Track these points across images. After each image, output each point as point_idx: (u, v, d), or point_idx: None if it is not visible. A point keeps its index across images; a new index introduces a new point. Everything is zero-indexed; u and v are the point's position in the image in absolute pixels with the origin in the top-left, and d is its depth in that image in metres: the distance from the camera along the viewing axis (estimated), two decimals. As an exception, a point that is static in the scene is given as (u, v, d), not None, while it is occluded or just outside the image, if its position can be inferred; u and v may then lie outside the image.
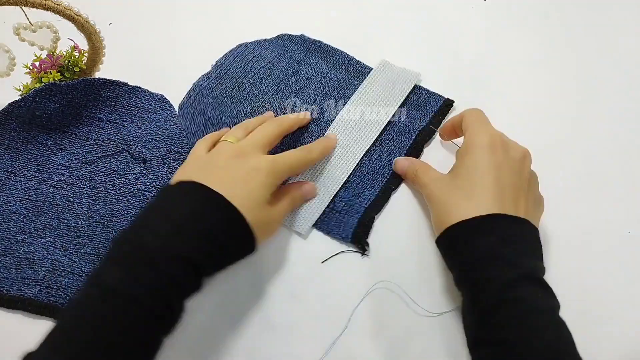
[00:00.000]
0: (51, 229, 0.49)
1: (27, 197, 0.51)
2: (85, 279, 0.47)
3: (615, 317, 0.46)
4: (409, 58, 0.62)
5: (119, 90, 0.56)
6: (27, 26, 0.49)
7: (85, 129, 0.55)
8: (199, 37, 0.64)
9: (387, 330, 0.45)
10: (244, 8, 0.66)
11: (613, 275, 0.48)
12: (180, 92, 0.58)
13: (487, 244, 0.39)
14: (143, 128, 0.55)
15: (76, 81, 0.53)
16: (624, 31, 0.64)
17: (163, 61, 0.61)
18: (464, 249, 0.40)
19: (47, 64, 0.53)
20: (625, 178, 0.53)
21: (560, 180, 0.53)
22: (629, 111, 0.58)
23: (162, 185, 0.52)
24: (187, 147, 0.54)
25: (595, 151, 0.55)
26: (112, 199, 0.51)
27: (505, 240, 0.39)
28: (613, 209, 0.51)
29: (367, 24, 0.65)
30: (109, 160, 0.53)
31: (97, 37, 0.52)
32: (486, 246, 0.39)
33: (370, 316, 0.46)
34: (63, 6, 0.47)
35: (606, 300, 0.47)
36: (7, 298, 0.46)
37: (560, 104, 0.58)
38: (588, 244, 0.50)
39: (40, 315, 0.46)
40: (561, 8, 0.66)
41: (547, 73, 0.61)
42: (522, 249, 0.39)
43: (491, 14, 0.66)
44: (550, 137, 0.56)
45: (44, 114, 0.53)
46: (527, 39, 0.63)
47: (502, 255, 0.38)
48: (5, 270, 0.47)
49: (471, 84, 0.59)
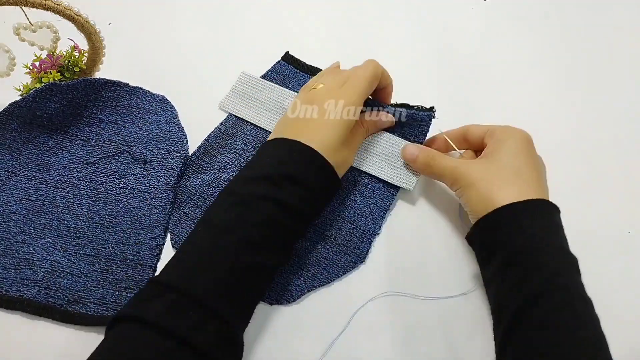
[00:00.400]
0: (51, 230, 0.49)
1: (27, 198, 0.51)
2: (86, 278, 0.47)
3: (615, 317, 0.46)
4: (408, 58, 0.62)
5: (119, 90, 0.56)
6: (27, 26, 0.49)
7: (86, 130, 0.55)
8: (200, 37, 0.64)
9: (387, 330, 0.45)
10: (244, 8, 0.66)
11: (613, 275, 0.48)
12: (181, 92, 0.58)
13: (539, 228, 0.40)
14: (144, 129, 0.55)
15: (76, 81, 0.53)
16: (623, 31, 0.64)
17: (163, 61, 0.61)
18: (515, 231, 0.40)
19: (47, 64, 0.53)
20: (626, 178, 0.53)
21: (561, 180, 0.53)
22: (629, 111, 0.58)
23: (162, 186, 0.52)
24: (185, 145, 0.54)
25: (596, 151, 0.55)
26: (112, 200, 0.51)
27: (553, 227, 0.41)
28: (613, 209, 0.51)
29: (367, 25, 0.65)
30: (109, 161, 0.53)
31: (97, 37, 0.52)
32: (539, 230, 0.40)
33: (371, 316, 0.46)
34: (63, 6, 0.47)
35: (606, 300, 0.47)
36: (6, 299, 0.46)
37: (560, 104, 0.58)
38: (588, 244, 0.50)
39: (39, 316, 0.45)
40: (561, 8, 0.66)
41: (547, 73, 0.61)
42: (565, 237, 0.41)
43: (491, 14, 0.66)
44: (550, 137, 0.55)
45: (44, 114, 0.53)
46: (527, 39, 0.63)
47: (553, 242, 0.40)
48: (4, 271, 0.47)
49: (471, 84, 0.60)
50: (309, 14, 0.66)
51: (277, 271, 0.43)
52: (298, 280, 0.47)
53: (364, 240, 0.49)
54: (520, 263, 0.40)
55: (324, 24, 0.64)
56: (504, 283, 0.40)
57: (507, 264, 0.41)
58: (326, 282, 0.47)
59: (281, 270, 0.47)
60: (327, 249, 0.49)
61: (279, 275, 0.47)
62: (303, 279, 0.47)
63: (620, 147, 0.55)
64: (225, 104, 0.57)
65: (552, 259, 0.39)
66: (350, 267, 0.48)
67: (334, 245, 0.49)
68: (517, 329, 0.38)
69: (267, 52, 0.62)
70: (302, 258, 0.48)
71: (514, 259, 0.40)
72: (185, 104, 0.57)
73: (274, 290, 0.47)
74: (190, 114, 0.57)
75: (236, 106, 0.57)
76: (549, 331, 0.37)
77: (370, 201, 0.51)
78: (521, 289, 0.39)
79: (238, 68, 0.59)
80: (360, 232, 0.49)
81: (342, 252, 0.49)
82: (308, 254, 0.48)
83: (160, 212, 0.50)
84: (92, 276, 0.47)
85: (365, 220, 0.50)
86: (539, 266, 0.39)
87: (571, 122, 0.57)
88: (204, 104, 0.58)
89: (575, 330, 0.36)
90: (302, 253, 0.48)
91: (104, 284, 0.46)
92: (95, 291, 0.46)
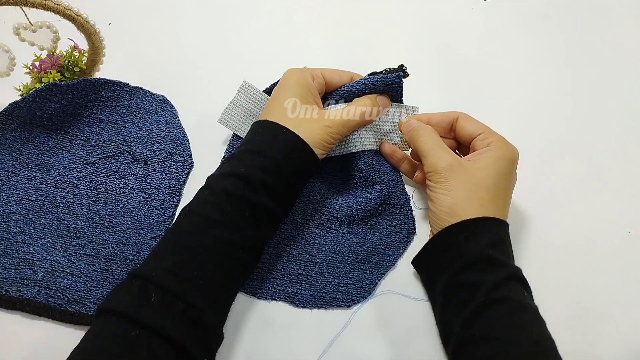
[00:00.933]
0: (51, 230, 0.49)
1: (27, 198, 0.51)
2: (86, 278, 0.47)
3: (615, 317, 0.46)
4: (408, 58, 0.62)
5: (120, 90, 0.56)
6: (27, 26, 0.49)
7: (86, 130, 0.55)
8: (200, 37, 0.64)
9: (387, 330, 0.45)
10: (245, 8, 0.66)
11: (613, 275, 0.48)
12: (181, 92, 0.58)
13: (479, 248, 0.40)
14: (144, 129, 0.55)
15: (76, 81, 0.53)
16: (623, 32, 0.64)
17: (163, 61, 0.61)
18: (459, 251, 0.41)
19: (47, 64, 0.53)
20: (625, 178, 0.53)
21: (560, 180, 0.53)
22: (629, 111, 0.58)
23: (164, 188, 0.52)
24: (187, 149, 0.54)
25: (595, 151, 0.55)
26: (112, 200, 0.51)
27: (495, 243, 0.41)
28: (613, 209, 0.51)
29: (366, 25, 0.65)
30: (109, 161, 0.53)
31: (97, 37, 0.52)
32: (479, 250, 0.40)
33: (371, 316, 0.46)
34: (63, 6, 0.47)
35: (606, 300, 0.47)
36: (5, 299, 0.46)
37: (560, 104, 0.58)
38: (588, 244, 0.50)
39: (39, 316, 0.45)
40: (561, 9, 0.66)
41: (546, 73, 0.61)
42: (507, 251, 0.42)
43: (491, 14, 0.66)
44: (550, 137, 0.56)
45: (44, 114, 0.53)
46: (527, 40, 0.63)
47: (492, 258, 0.40)
48: (4, 271, 0.47)
49: (471, 84, 0.60)
50: (309, 14, 0.66)
51: (254, 249, 0.42)
52: (365, 274, 0.47)
53: (405, 214, 0.50)
54: (461, 283, 0.40)
55: (324, 24, 0.64)
56: (447, 306, 0.41)
57: (449, 286, 0.41)
58: (391, 266, 0.48)
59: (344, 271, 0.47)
60: (378, 236, 0.49)
61: (345, 277, 0.47)
62: (369, 271, 0.47)
63: (620, 147, 0.55)
64: (225, 120, 0.53)
65: (489, 276, 0.39)
66: (406, 242, 0.49)
67: (382, 229, 0.49)
68: (461, 350, 0.39)
69: (268, 52, 0.62)
70: (358, 254, 0.48)
71: (454, 281, 0.41)
72: (186, 104, 0.57)
73: (346, 292, 0.46)
74: (190, 114, 0.57)
75: (236, 124, 0.53)
76: (493, 342, 0.37)
77: (392, 174, 0.52)
78: (462, 309, 0.39)
79: (238, 68, 0.59)
80: (399, 209, 0.50)
81: (393, 232, 0.49)
82: (363, 247, 0.48)
83: (163, 214, 0.50)
84: (92, 276, 0.47)
85: (398, 196, 0.51)
86: (476, 285, 0.39)
87: (571, 121, 0.57)
88: (204, 104, 0.57)
89: (517, 337, 0.37)
90: (357, 248, 0.48)
91: (104, 284, 0.46)
92: (95, 291, 0.46)
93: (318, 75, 0.49)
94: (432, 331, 0.45)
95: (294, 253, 0.48)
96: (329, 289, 0.46)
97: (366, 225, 0.50)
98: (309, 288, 0.47)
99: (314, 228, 0.49)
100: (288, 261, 0.48)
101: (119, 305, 0.36)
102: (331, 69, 0.50)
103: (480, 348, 0.37)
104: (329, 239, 0.49)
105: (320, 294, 0.46)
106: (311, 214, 0.50)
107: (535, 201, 0.51)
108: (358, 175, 0.51)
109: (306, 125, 0.45)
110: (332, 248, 0.48)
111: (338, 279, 0.47)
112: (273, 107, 0.47)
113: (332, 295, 0.46)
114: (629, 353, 0.45)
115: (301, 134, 0.44)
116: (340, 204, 0.50)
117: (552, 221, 0.49)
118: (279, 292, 0.47)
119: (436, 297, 0.43)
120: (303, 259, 0.48)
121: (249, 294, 0.47)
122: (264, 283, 0.47)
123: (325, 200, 0.51)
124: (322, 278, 0.47)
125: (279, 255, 0.48)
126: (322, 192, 0.51)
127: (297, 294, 0.46)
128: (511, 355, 0.36)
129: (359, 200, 0.50)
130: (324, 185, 0.52)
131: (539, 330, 0.38)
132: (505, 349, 0.36)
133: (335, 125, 0.46)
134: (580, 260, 0.49)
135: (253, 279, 0.47)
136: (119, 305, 0.36)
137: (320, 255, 0.48)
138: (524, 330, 0.37)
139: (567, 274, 0.47)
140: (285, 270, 0.48)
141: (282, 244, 0.49)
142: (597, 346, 0.44)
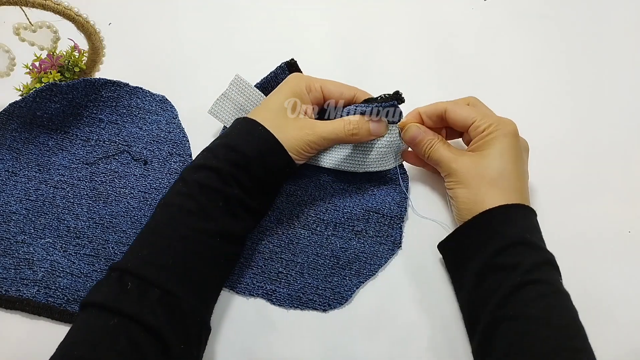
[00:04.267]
0: (51, 230, 0.49)
1: (27, 198, 0.51)
2: (86, 278, 0.47)
3: (615, 317, 0.46)
4: (408, 58, 0.62)
5: (120, 90, 0.56)
6: (27, 26, 0.49)
7: (86, 130, 0.55)
8: (200, 37, 0.64)
9: (387, 330, 0.45)
10: (245, 8, 0.66)
11: (613, 275, 0.48)
12: (181, 92, 0.58)
13: (516, 231, 0.42)
14: (144, 129, 0.55)
15: (76, 81, 0.53)
16: (623, 31, 0.64)
17: (163, 61, 0.61)
18: (495, 235, 0.42)
19: (47, 64, 0.53)
20: (626, 178, 0.53)
21: (560, 179, 0.53)
22: (629, 111, 0.58)
23: (164, 188, 0.52)
24: (188, 149, 0.54)
25: (595, 151, 0.55)
26: (112, 200, 0.51)
27: (530, 229, 0.42)
28: (613, 209, 0.51)
29: (366, 24, 0.65)
30: (109, 161, 0.53)
31: (97, 37, 0.52)
32: (516, 233, 0.42)
33: (370, 316, 0.46)
34: (63, 6, 0.47)
35: (606, 300, 0.47)
36: (5, 298, 0.46)
37: (560, 104, 0.58)
38: (588, 244, 0.50)
39: (39, 316, 0.45)
40: (560, 8, 0.66)
41: (546, 73, 0.61)
42: (541, 238, 0.43)
43: (491, 14, 0.66)
44: (550, 137, 0.56)
45: (44, 114, 0.53)
46: (527, 39, 0.63)
47: (529, 242, 0.41)
48: (4, 271, 0.47)
49: (471, 84, 0.60)
50: (309, 14, 0.66)
51: (234, 237, 0.43)
52: (344, 280, 0.47)
53: (393, 226, 0.50)
54: (497, 265, 0.41)
55: (324, 24, 0.64)
56: (479, 287, 0.42)
57: (484, 268, 0.42)
58: (371, 275, 0.48)
59: (324, 274, 0.47)
60: (362, 243, 0.49)
61: (324, 280, 0.47)
62: (348, 278, 0.47)
63: (620, 146, 0.55)
64: (215, 111, 0.53)
65: (526, 259, 0.40)
66: (389, 255, 0.49)
67: (367, 238, 0.49)
68: (494, 329, 0.39)
69: (268, 51, 0.62)
70: (340, 259, 0.48)
71: (489, 263, 0.41)
72: (186, 104, 0.57)
73: (324, 296, 0.47)
74: (190, 114, 0.57)
75: (226, 116, 0.53)
76: (521, 321, 0.38)
77: (390, 189, 0.51)
78: (497, 290, 0.40)
79: (238, 68, 0.59)
80: (388, 220, 0.50)
81: (377, 242, 0.49)
82: (345, 252, 0.49)
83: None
84: (92, 276, 0.47)
85: (390, 207, 0.50)
86: (516, 265, 0.40)
87: (571, 121, 0.57)
88: (205, 105, 0.57)
89: (549, 319, 0.38)
90: (339, 253, 0.48)
91: (103, 283, 0.46)
92: (95, 291, 0.46)
93: (316, 88, 0.49)
94: (433, 331, 0.45)
95: (277, 251, 0.49)
96: (307, 290, 0.47)
97: (352, 231, 0.50)
98: (287, 287, 0.47)
99: (299, 228, 0.50)
100: (270, 258, 0.48)
101: (98, 297, 0.38)
102: (334, 83, 0.50)
103: (512, 326, 0.38)
104: (312, 240, 0.49)
105: (298, 294, 0.47)
106: (297, 214, 0.50)
107: (534, 201, 0.51)
108: (353, 179, 0.52)
109: (286, 129, 0.46)
110: (314, 250, 0.49)
111: (317, 281, 0.47)
112: (261, 106, 0.49)
113: (309, 297, 0.46)
114: (629, 353, 0.45)
115: (278, 135, 0.45)
116: (327, 206, 0.51)
117: (552, 221, 0.49)
118: (258, 288, 0.47)
119: (464, 280, 0.44)
120: (285, 258, 0.48)
121: (227, 288, 0.47)
122: (243, 278, 0.47)
123: (313, 201, 0.51)
124: (302, 279, 0.47)
125: (261, 251, 0.49)
126: (310, 193, 0.52)
127: (275, 291, 0.47)
128: (543, 334, 0.37)
129: (346, 204, 0.50)
130: (314, 184, 0.52)
131: (572, 315, 0.39)
132: (538, 328, 0.37)
133: (314, 135, 0.46)
134: (580, 260, 0.48)
135: (233, 274, 0.47)
136: (98, 296, 0.38)
137: (302, 255, 0.48)
138: (557, 312, 0.38)
139: (567, 274, 0.46)
140: (266, 267, 0.48)
141: (265, 240, 0.49)
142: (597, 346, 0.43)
